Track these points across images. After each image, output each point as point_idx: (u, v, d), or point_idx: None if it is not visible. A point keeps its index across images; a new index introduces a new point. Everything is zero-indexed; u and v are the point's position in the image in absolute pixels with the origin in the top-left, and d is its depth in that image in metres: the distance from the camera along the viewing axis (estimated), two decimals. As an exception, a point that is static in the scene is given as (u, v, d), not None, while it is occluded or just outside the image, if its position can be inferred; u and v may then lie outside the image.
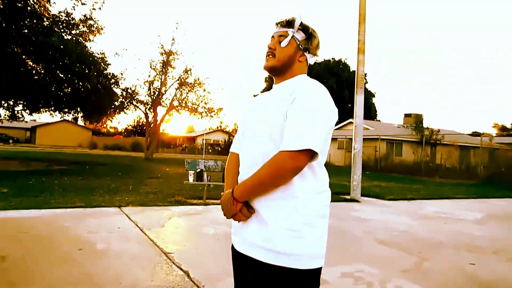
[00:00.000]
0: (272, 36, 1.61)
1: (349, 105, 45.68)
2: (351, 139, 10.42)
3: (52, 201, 6.43)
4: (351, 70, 49.38)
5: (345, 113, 45.17)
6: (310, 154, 1.35)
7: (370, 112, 48.94)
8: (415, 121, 31.52)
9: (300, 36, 1.57)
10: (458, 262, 4.30)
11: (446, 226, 6.56)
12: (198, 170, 7.75)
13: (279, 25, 1.60)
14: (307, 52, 1.59)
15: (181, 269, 3.53)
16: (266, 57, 1.60)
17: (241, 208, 1.44)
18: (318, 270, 1.44)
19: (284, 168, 1.34)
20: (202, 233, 5.05)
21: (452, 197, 11.27)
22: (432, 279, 3.66)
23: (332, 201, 5.80)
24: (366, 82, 51.59)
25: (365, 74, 51.19)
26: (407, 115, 37.24)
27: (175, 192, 8.48)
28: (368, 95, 51.89)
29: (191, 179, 7.59)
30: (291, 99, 1.42)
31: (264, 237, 1.39)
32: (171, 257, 3.89)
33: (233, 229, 1.57)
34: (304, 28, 1.58)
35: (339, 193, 10.46)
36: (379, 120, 53.01)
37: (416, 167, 24.20)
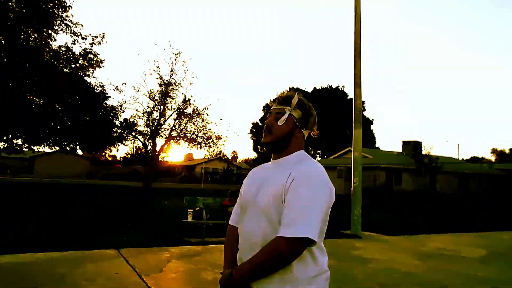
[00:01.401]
0: (270, 112, 1.66)
1: (348, 131, 45.97)
2: (351, 167, 10.40)
3: (47, 242, 6.32)
4: (348, 97, 49.95)
5: (344, 139, 45.46)
6: (307, 241, 1.38)
7: (367, 140, 49.15)
8: (413, 148, 31.65)
9: (297, 113, 1.61)
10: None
11: (449, 266, 6.46)
12: (197, 208, 7.69)
13: (276, 101, 1.65)
14: (304, 129, 1.63)
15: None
16: (263, 132, 1.64)
17: None
18: None
19: (281, 254, 1.37)
20: (200, 279, 4.95)
21: (454, 230, 11.16)
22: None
23: (332, 237, 5.80)
24: (364, 110, 52.11)
25: (364, 102, 51.02)
26: (405, 143, 37.37)
27: (174, 230, 8.37)
28: (366, 122, 52.33)
29: (190, 218, 7.52)
30: (289, 183, 1.44)
31: None
32: (170, 308, 3.80)
33: None
34: (301, 105, 1.63)
35: (340, 227, 10.36)
36: (378, 147, 53.21)
37: (416, 196, 24.09)
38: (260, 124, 52.62)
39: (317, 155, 53.02)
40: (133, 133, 22.33)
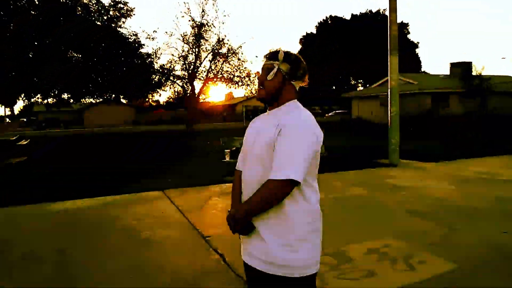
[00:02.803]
0: (262, 68, 1.77)
1: (390, 58, 43.68)
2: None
3: (103, 189, 6.99)
4: (390, 21, 46.74)
5: (386, 66, 43.34)
6: (293, 182, 1.55)
7: (412, 64, 46.58)
8: (463, 70, 29.69)
9: (285, 67, 1.71)
10: (490, 232, 4.31)
11: (485, 190, 6.44)
12: (234, 148, 8.04)
13: (265, 57, 1.76)
14: (294, 80, 1.74)
15: (217, 253, 3.87)
16: (257, 88, 1.79)
17: (243, 227, 1.69)
18: (312, 276, 1.68)
19: (272, 194, 1.57)
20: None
21: (506, 152, 10.82)
22: (457, 252, 3.74)
23: (369, 166, 5.97)
24: (408, 33, 48.82)
25: (407, 24, 47.98)
26: (454, 65, 34.98)
27: (214, 170, 8.87)
28: (411, 46, 49.29)
29: (227, 157, 7.91)
30: (277, 132, 1.61)
31: (262, 251, 1.65)
32: (209, 240, 4.24)
33: (242, 241, 1.80)
34: (288, 59, 1.72)
35: (377, 157, 10.42)
36: (424, 72, 50.44)
37: (464, 120, 23.09)
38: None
39: (359, 84, 51.37)
40: (171, 78, 22.79)
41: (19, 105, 69.52)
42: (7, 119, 49.90)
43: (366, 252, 3.78)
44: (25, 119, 53.48)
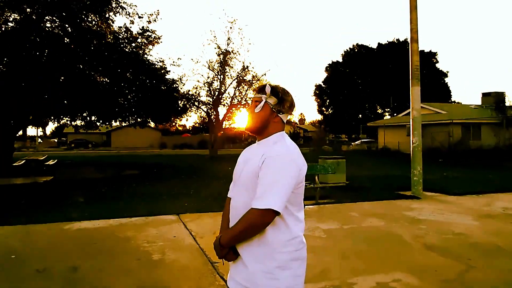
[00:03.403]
0: (252, 101, 1.87)
1: (418, 88, 43.17)
2: (422, 124, 9.97)
3: (119, 210, 7.16)
4: (419, 50, 46.46)
5: (414, 96, 42.74)
6: (273, 212, 1.59)
7: (441, 94, 45.81)
8: (495, 100, 28.87)
9: (272, 100, 1.79)
10: (509, 271, 4.08)
11: (511, 227, 6.14)
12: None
13: (254, 91, 1.86)
14: (281, 113, 1.80)
15: (223, 279, 3.84)
16: (247, 119, 1.87)
17: (227, 253, 1.74)
18: None
19: (254, 223, 1.62)
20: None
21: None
22: (472, 292, 3.56)
23: (390, 198, 5.87)
24: (437, 62, 48.31)
25: (435, 53, 47.50)
26: (485, 94, 34.17)
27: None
28: (440, 75, 48.65)
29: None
30: (262, 162, 1.67)
31: (245, 278, 1.68)
32: (216, 266, 4.22)
33: (230, 267, 1.82)
34: (275, 93, 1.80)
35: (400, 188, 10.16)
36: (454, 101, 49.43)
37: (496, 152, 22.27)
38: (323, 86, 51.42)
39: (387, 113, 50.77)
40: (196, 104, 23.34)
41: (50, 127, 72.67)
42: (39, 140, 52.14)
43: (374, 286, 3.66)
44: (56, 140, 55.93)
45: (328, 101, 51.40)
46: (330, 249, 4.94)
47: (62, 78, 12.45)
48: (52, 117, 14.99)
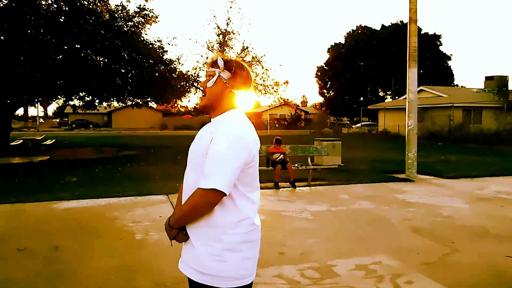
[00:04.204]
0: (206, 75, 1.77)
1: (421, 71, 42.66)
2: (423, 108, 9.88)
3: (110, 190, 7.16)
4: (422, 32, 45.68)
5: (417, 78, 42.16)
6: (218, 192, 1.51)
7: (444, 77, 45.26)
8: (498, 84, 28.51)
9: (226, 74, 1.69)
10: (494, 255, 4.06)
11: (501, 210, 6.10)
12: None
13: (208, 65, 1.75)
14: (235, 88, 1.70)
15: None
16: (201, 95, 1.76)
17: (176, 234, 1.67)
18: None
19: (199, 203, 1.55)
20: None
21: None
22: (452, 274, 3.54)
23: (383, 180, 5.82)
24: (440, 44, 47.57)
25: (439, 36, 46.62)
26: (488, 78, 33.74)
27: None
28: (443, 58, 47.98)
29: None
30: (209, 140, 1.58)
31: (194, 260, 1.62)
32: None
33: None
34: (229, 67, 1.69)
35: (395, 171, 10.12)
36: (457, 85, 48.90)
37: (497, 136, 22.09)
38: (325, 68, 50.85)
39: (388, 96, 50.34)
40: (195, 84, 23.12)
41: (52, 107, 72.69)
42: (41, 120, 52.24)
43: (353, 268, 3.64)
44: (57, 120, 56.00)
45: (329, 83, 50.91)
46: (315, 231, 4.93)
47: (58, 57, 12.29)
48: (46, 97, 14.90)
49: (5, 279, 3.42)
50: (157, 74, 14.36)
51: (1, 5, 12.21)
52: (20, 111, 55.80)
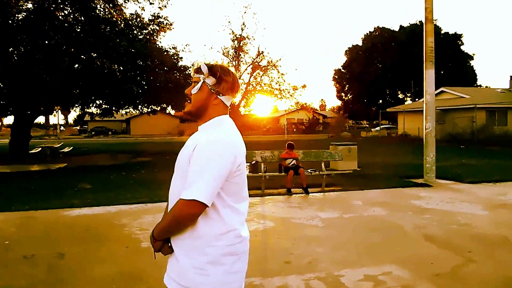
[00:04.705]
0: (192, 82, 1.70)
1: (441, 71, 41.73)
2: (443, 110, 9.60)
3: (122, 197, 7.20)
4: (442, 32, 44.75)
5: (437, 79, 41.16)
6: (199, 203, 1.44)
7: (466, 77, 44.12)
8: (524, 83, 27.63)
9: (211, 80, 1.63)
10: (510, 266, 3.83)
11: (522, 216, 5.81)
12: (253, 162, 7.94)
13: (193, 71, 1.70)
14: (220, 95, 1.63)
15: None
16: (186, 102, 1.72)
17: (161, 246, 1.61)
18: None
19: (181, 214, 1.48)
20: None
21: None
22: (465, 286, 3.35)
23: (399, 186, 5.63)
24: (462, 44, 46.46)
25: (461, 35, 45.56)
26: (514, 77, 32.68)
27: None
28: (464, 58, 46.80)
29: (247, 171, 7.81)
30: (193, 149, 1.52)
31: (178, 273, 1.56)
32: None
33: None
34: (213, 72, 1.63)
35: (413, 176, 9.84)
36: (480, 85, 47.60)
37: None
38: (343, 71, 50.33)
39: (408, 99, 49.41)
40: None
41: (73, 115, 74.61)
42: (62, 128, 53.65)
43: (361, 279, 3.50)
44: (78, 128, 57.48)
45: (347, 86, 50.36)
46: (324, 239, 4.79)
47: (74, 66, 12.55)
48: (63, 106, 15.21)
49: (8, 286, 3.44)
50: (172, 80, 14.45)
51: (21, 17, 12.57)
52: (41, 119, 57.47)
